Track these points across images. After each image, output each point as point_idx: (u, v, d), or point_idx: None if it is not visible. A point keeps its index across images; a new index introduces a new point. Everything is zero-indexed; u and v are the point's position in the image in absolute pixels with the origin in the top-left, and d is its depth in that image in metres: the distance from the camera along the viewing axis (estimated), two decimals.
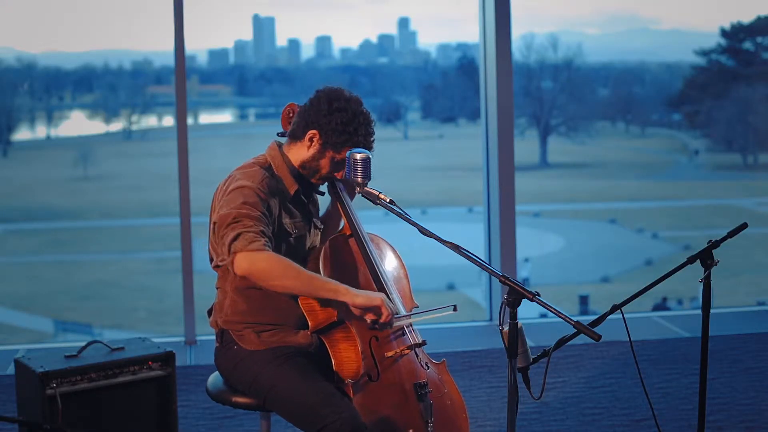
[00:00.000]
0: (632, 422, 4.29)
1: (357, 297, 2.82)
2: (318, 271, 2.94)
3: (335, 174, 3.06)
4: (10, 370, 4.90)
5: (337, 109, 2.97)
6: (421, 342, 3.07)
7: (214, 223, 2.92)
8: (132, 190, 35.73)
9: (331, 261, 2.99)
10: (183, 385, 4.61)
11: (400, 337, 3.03)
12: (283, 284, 2.81)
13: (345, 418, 2.76)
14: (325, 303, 2.90)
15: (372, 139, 3.04)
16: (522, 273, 27.34)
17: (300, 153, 3.04)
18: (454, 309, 3.00)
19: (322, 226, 3.20)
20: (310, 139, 3.01)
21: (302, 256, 3.05)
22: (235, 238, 2.81)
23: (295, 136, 3.05)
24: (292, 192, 3.03)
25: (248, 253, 2.78)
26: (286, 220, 3.01)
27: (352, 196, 3.19)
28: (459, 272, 26.08)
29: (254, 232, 2.81)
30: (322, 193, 3.21)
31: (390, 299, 3.01)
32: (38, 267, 28.54)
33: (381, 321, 2.85)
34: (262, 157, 3.07)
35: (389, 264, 3.17)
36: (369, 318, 2.86)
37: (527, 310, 3.58)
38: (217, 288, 3.12)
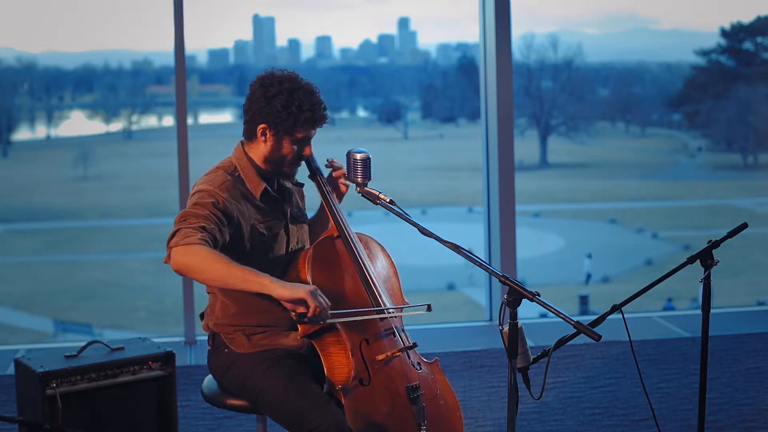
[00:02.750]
0: (632, 422, 4.28)
1: (281, 289, 2.73)
2: (305, 274, 2.93)
3: (304, 154, 3.02)
4: (10, 370, 4.89)
5: (273, 96, 2.92)
6: (411, 345, 3.04)
7: None
8: (132, 190, 35.74)
9: (318, 263, 2.97)
10: (183, 385, 4.60)
11: (391, 340, 3.01)
12: (211, 277, 2.76)
13: (330, 423, 2.76)
14: None
15: (322, 107, 2.97)
16: (583, 269, 27.34)
17: (260, 150, 3.01)
18: (429, 309, 2.97)
19: (306, 219, 3.18)
20: (263, 134, 2.97)
21: (279, 254, 3.04)
22: (173, 235, 2.80)
23: (249, 136, 3.02)
24: (258, 192, 3.00)
25: (181, 247, 2.76)
26: (258, 221, 2.99)
27: (339, 196, 3.18)
28: (459, 272, 26.08)
29: (193, 227, 2.79)
30: (301, 185, 3.18)
31: (381, 300, 2.98)
32: (38, 267, 28.54)
33: (309, 315, 2.74)
34: (228, 161, 3.05)
35: (378, 263, 3.14)
36: (299, 311, 2.75)
37: (527, 310, 3.58)
38: (208, 292, 3.11)
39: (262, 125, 2.96)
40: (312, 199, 3.27)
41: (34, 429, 2.80)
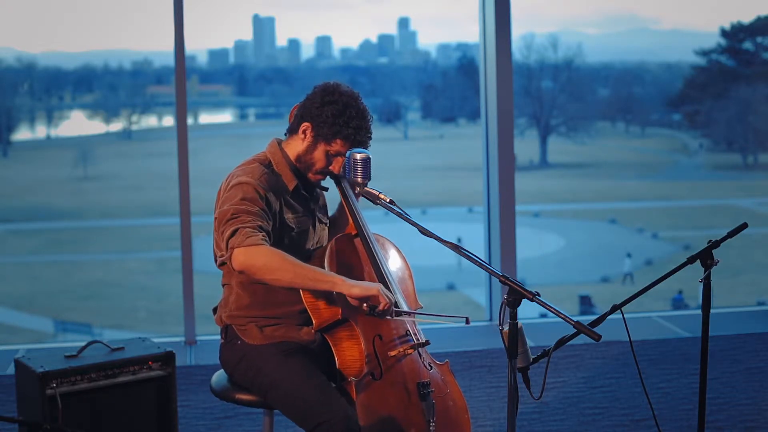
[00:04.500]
0: (632, 422, 4.29)
1: (354, 287, 2.82)
2: (325, 268, 2.95)
3: (331, 168, 3.06)
4: (10, 370, 4.90)
5: (329, 102, 3.01)
6: (424, 342, 3.07)
7: (215, 219, 2.96)
8: (132, 190, 35.73)
9: (337, 260, 3.00)
10: (183, 385, 4.61)
11: (404, 337, 3.03)
12: (281, 277, 2.82)
13: (340, 418, 2.78)
14: (329, 301, 2.92)
15: (367, 134, 3.04)
16: (624, 269, 27.23)
17: (296, 146, 3.07)
18: (467, 322, 2.97)
19: (328, 222, 3.22)
20: (303, 132, 3.04)
21: (305, 250, 3.07)
22: (232, 234, 2.83)
23: (292, 130, 3.10)
24: (291, 187, 3.06)
25: (245, 248, 2.80)
26: (288, 215, 3.03)
27: (358, 196, 3.20)
28: (459, 272, 26.07)
29: (251, 227, 2.84)
30: (326, 189, 3.22)
31: (397, 301, 3.01)
32: (38, 267, 28.53)
33: (379, 309, 2.84)
34: (262, 155, 3.11)
35: (394, 264, 3.18)
36: (366, 306, 2.85)
37: (527, 310, 3.58)
38: (222, 285, 3.14)
39: (307, 123, 3.03)
40: (331, 200, 3.28)
41: (34, 429, 2.80)
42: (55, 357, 3.38)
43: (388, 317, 2.89)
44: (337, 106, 3.00)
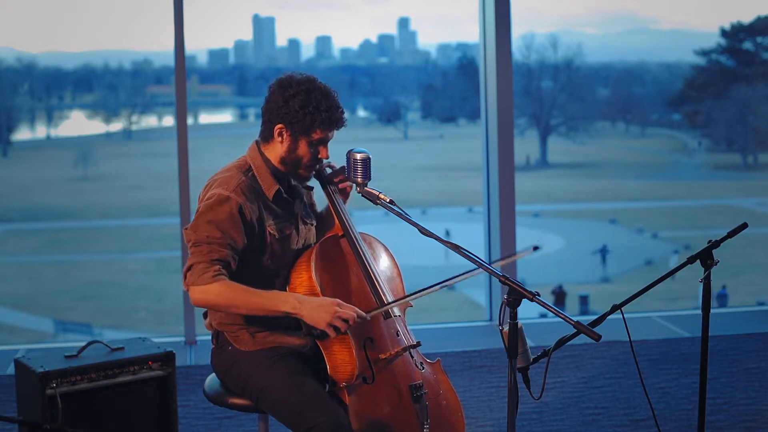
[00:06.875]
0: (632, 422, 4.29)
1: (307, 318, 2.85)
2: (310, 272, 2.94)
3: (320, 157, 3.02)
4: (10, 370, 4.90)
5: (291, 96, 2.96)
6: (415, 343, 3.06)
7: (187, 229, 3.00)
8: (132, 190, 35.74)
9: (323, 262, 2.98)
10: (183, 385, 4.60)
11: (395, 339, 3.02)
12: (234, 312, 2.94)
13: (329, 421, 2.77)
14: None
15: (339, 110, 3.01)
16: (671, 264, 27.25)
17: (276, 151, 3.03)
18: (534, 249, 2.85)
19: (314, 222, 3.19)
20: (279, 134, 3.00)
21: (289, 254, 3.05)
22: (189, 268, 2.89)
23: (266, 137, 3.05)
24: (271, 194, 3.01)
25: (198, 287, 2.87)
26: (269, 222, 3.00)
27: (344, 196, 3.18)
28: (459, 272, 26.05)
29: (205, 261, 2.87)
30: (311, 188, 3.19)
31: (385, 299, 2.99)
32: (38, 267, 28.53)
33: (344, 329, 2.84)
34: (242, 160, 3.07)
35: (382, 263, 3.16)
36: (333, 332, 2.85)
37: (527, 310, 3.58)
38: None
39: (279, 125, 2.99)
40: (319, 201, 3.27)
41: (34, 429, 2.80)
42: (55, 357, 3.38)
43: (361, 321, 2.87)
44: (300, 96, 2.95)
